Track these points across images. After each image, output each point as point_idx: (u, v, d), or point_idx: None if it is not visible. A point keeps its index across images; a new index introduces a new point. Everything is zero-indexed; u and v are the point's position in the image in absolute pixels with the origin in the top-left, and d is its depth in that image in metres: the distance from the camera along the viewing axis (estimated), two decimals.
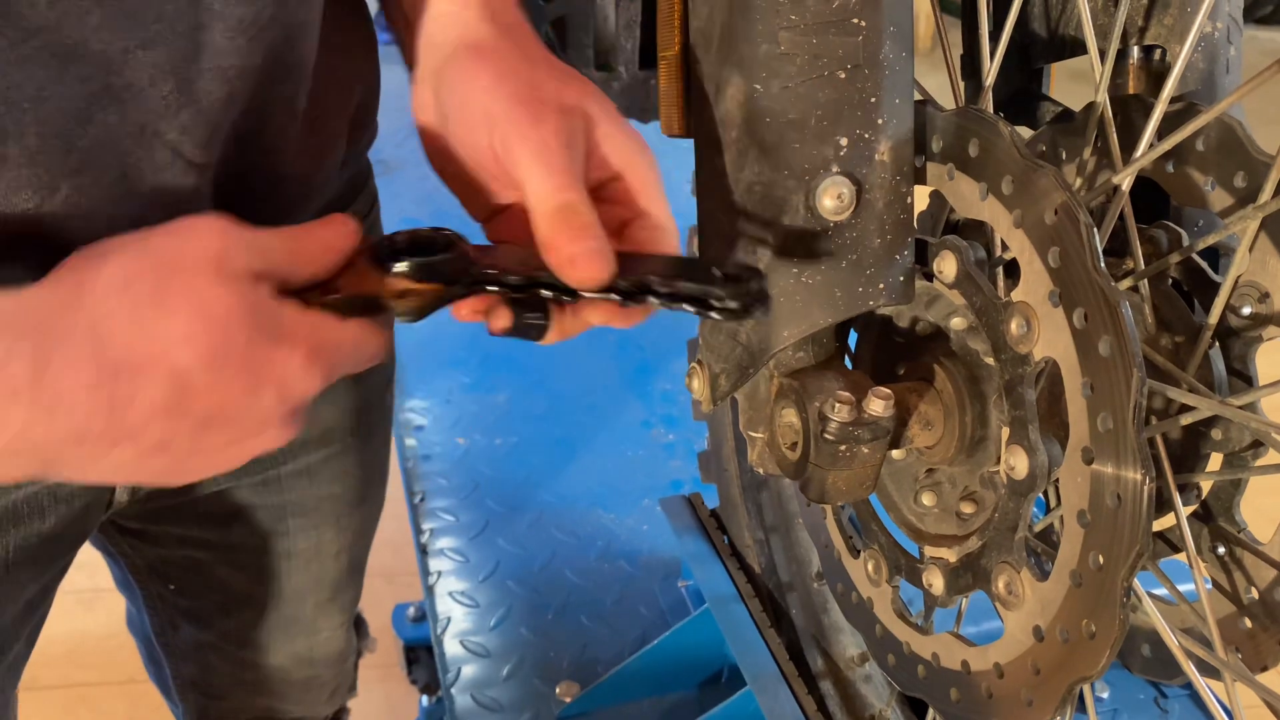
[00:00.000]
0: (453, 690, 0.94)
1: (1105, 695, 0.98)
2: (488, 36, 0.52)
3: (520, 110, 0.49)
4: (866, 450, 0.56)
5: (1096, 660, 0.47)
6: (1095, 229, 0.46)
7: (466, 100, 0.50)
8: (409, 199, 1.45)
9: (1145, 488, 0.44)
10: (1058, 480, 0.51)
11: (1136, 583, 0.51)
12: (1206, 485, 0.60)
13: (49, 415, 0.40)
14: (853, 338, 0.66)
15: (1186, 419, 0.48)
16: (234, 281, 0.43)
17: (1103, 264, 0.45)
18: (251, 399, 0.44)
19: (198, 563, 0.78)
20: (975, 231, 0.59)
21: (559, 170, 0.48)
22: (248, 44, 0.50)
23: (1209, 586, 0.59)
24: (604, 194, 0.52)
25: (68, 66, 0.45)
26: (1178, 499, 0.56)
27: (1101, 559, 0.47)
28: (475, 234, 0.53)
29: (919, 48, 0.57)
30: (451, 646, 0.98)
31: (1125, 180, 0.52)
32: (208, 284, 0.42)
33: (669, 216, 0.52)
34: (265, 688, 0.87)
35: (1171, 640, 0.49)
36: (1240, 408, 0.49)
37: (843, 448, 0.55)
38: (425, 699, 1.57)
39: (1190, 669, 0.48)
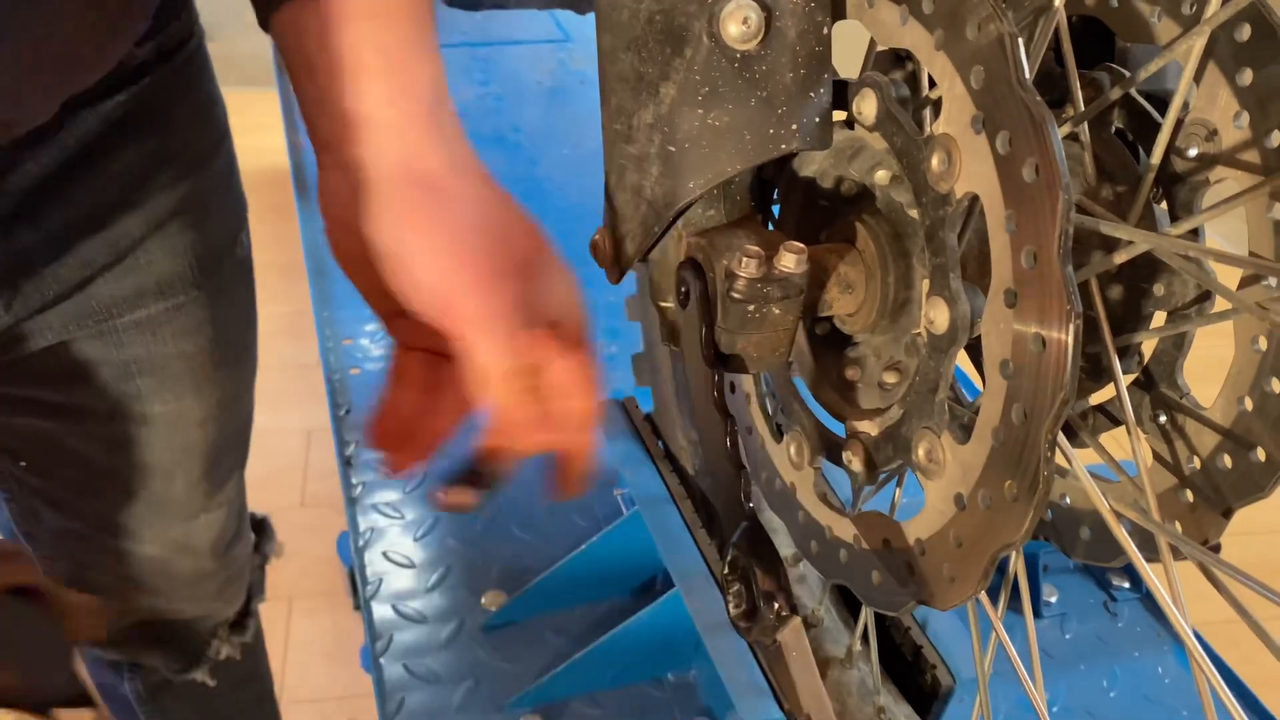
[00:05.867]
0: (372, 602, 0.89)
1: (1054, 599, 0.96)
2: (437, 168, 0.49)
3: (477, 280, 0.48)
4: (778, 311, 0.51)
5: (1019, 524, 0.43)
6: (1019, 38, 0.40)
7: (417, 248, 0.48)
8: None
9: (1071, 325, 0.39)
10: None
11: (1066, 443, 0.47)
12: (1148, 352, 0.56)
13: None
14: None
15: (1120, 256, 0.43)
16: None
17: (1028, 77, 0.40)
18: None
19: (45, 433, 0.72)
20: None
21: (504, 338, 0.48)
22: None
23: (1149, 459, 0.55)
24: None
25: None
26: (1116, 364, 0.52)
27: (1025, 412, 0.42)
28: None
29: None
30: (374, 559, 0.94)
31: None
32: None
33: (587, 363, 0.52)
34: (146, 582, 0.82)
35: (1103, 505, 0.45)
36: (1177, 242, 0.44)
37: (751, 308, 0.51)
38: None
39: (1120, 531, 0.44)
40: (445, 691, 0.83)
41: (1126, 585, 0.97)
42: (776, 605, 0.47)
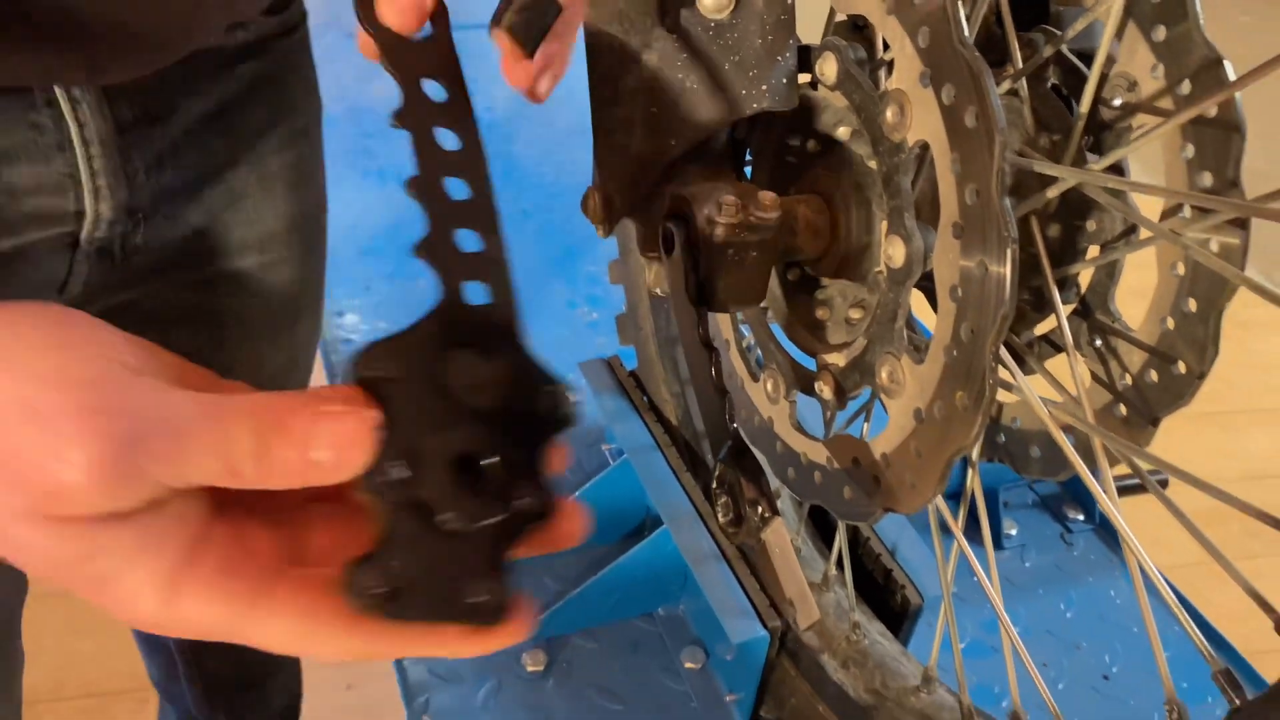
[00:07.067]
0: None
1: (1014, 532, 1.02)
2: None
3: None
4: (755, 253, 0.57)
5: (969, 429, 0.49)
6: (959, 3, 0.46)
7: None
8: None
9: (1010, 249, 0.45)
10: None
11: (1013, 363, 0.53)
12: (1085, 283, 0.63)
13: None
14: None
15: (1053, 191, 0.49)
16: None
17: (967, 35, 0.46)
18: None
19: None
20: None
21: None
22: None
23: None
24: None
25: None
26: (1056, 295, 0.58)
27: (972, 329, 0.48)
28: None
29: None
30: None
31: None
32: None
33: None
34: None
35: (1044, 413, 0.51)
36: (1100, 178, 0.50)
37: (731, 251, 0.56)
38: None
39: (1060, 436, 0.50)
40: None
41: (1081, 518, 1.04)
42: (760, 509, 0.53)
